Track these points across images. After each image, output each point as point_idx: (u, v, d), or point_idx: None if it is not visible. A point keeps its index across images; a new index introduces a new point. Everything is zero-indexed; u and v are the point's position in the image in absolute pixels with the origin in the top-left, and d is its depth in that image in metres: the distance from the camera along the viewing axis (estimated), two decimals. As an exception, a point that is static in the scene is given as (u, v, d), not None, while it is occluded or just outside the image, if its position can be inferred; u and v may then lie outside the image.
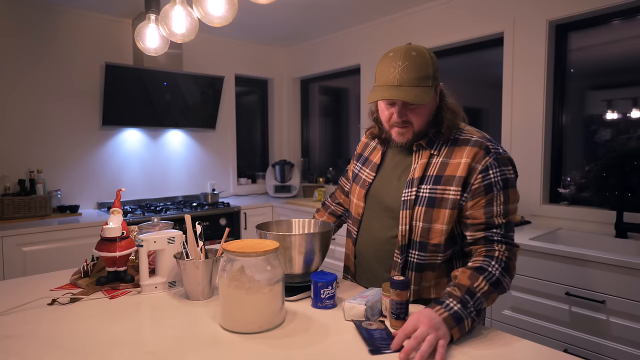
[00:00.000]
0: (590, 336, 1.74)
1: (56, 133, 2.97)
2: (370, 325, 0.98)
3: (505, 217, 1.07)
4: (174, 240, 1.26)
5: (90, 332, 0.98)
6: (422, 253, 1.12)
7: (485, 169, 1.07)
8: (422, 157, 1.16)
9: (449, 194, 1.09)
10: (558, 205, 2.39)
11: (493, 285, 1.00)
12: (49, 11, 2.90)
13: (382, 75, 1.10)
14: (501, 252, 1.05)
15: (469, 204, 1.08)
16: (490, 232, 1.07)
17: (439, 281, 1.15)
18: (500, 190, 1.07)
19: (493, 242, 1.07)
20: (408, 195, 1.14)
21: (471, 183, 1.07)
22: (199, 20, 1.54)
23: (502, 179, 1.07)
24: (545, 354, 0.88)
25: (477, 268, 1.02)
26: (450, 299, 0.96)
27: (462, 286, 0.99)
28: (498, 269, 1.02)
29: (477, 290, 0.98)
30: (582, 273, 1.75)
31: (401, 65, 1.06)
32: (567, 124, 2.43)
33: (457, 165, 1.10)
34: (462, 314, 0.93)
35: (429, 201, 1.11)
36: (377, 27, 3.31)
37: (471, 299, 0.96)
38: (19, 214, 2.64)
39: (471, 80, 2.96)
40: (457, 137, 1.15)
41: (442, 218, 1.10)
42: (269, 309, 0.99)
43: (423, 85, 1.08)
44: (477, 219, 1.08)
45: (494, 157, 1.08)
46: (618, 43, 2.23)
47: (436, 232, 1.11)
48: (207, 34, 3.60)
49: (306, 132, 4.30)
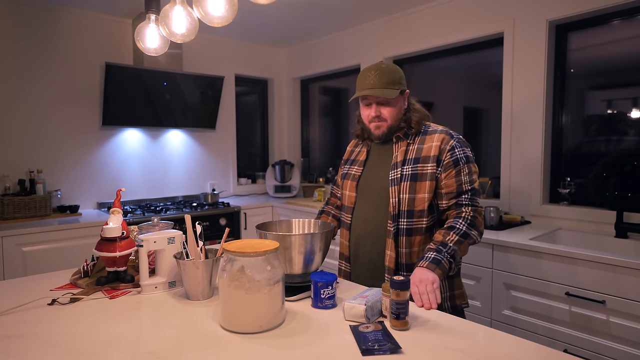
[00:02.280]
0: (590, 336, 1.74)
1: (56, 133, 2.97)
2: (367, 328, 0.98)
3: (470, 184, 1.38)
4: (174, 240, 1.26)
5: (90, 332, 0.98)
6: (409, 219, 1.38)
7: (452, 148, 1.38)
8: (401, 146, 1.45)
9: (427, 169, 1.38)
10: (558, 205, 2.39)
11: (462, 236, 1.31)
12: (49, 11, 2.90)
13: (360, 83, 1.43)
14: (467, 212, 1.35)
15: (443, 176, 1.37)
16: (460, 198, 1.36)
17: (423, 247, 1.39)
18: (465, 164, 1.37)
19: (461, 206, 1.36)
20: (394, 174, 1.41)
21: (442, 160, 1.37)
22: (199, 20, 1.54)
23: (464, 155, 1.38)
24: (545, 354, 0.88)
25: (448, 227, 1.33)
26: (428, 252, 1.28)
27: (436, 242, 1.31)
28: (465, 225, 1.33)
29: (448, 241, 1.29)
30: (582, 273, 1.75)
31: (374, 74, 1.39)
32: (567, 125, 2.43)
33: (429, 148, 1.40)
34: (438, 257, 1.26)
35: (412, 177, 1.38)
36: (377, 27, 3.31)
37: (444, 247, 1.28)
38: (19, 214, 2.64)
39: (471, 80, 2.96)
40: (426, 129, 1.45)
41: (423, 188, 1.37)
42: (269, 309, 0.99)
43: (390, 88, 1.39)
44: (450, 187, 1.37)
45: (456, 140, 1.40)
46: (618, 43, 2.23)
47: (420, 201, 1.37)
48: (207, 34, 3.60)
49: (306, 132, 4.30)
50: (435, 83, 3.20)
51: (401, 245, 1.37)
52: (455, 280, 1.42)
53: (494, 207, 2.31)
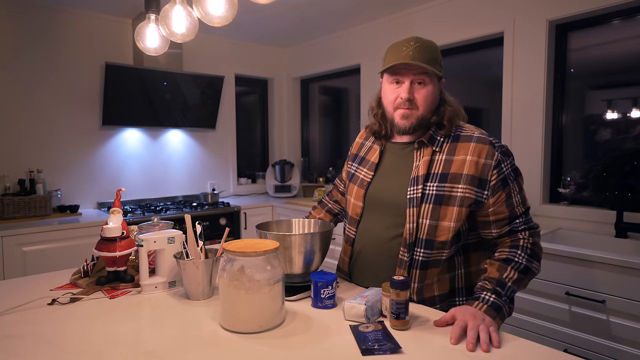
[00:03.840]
0: (590, 336, 1.74)
1: (56, 133, 2.97)
2: (367, 328, 0.98)
3: (524, 204, 1.14)
4: (174, 240, 1.26)
5: (90, 332, 0.98)
6: (427, 251, 1.12)
7: (497, 164, 1.10)
8: (424, 154, 1.16)
9: (457, 192, 1.10)
10: (558, 205, 2.39)
11: (522, 273, 1.06)
12: (49, 11, 2.90)
13: (393, 54, 1.13)
14: (525, 239, 1.11)
15: (491, 201, 1.11)
16: (514, 223, 1.12)
17: (441, 277, 1.16)
18: (514, 180, 1.12)
19: (517, 232, 1.12)
20: (414, 193, 1.13)
21: (488, 180, 1.10)
22: (199, 20, 1.54)
23: (512, 170, 1.12)
24: (545, 354, 0.88)
25: (504, 260, 1.08)
26: (484, 293, 1.03)
27: (492, 279, 1.05)
28: (524, 257, 1.08)
29: (506, 280, 1.05)
30: (582, 273, 1.75)
31: (413, 45, 1.10)
32: (567, 124, 2.43)
33: (462, 162, 1.11)
34: (498, 302, 1.00)
35: (437, 198, 1.11)
36: (377, 27, 3.31)
37: (502, 289, 1.03)
38: (19, 214, 2.64)
39: (471, 80, 2.96)
40: (458, 133, 1.16)
41: (450, 215, 1.10)
42: (269, 309, 0.99)
43: (434, 65, 1.11)
44: (501, 214, 1.12)
45: (500, 151, 1.12)
46: (618, 43, 2.23)
47: (443, 230, 1.11)
48: (207, 34, 3.60)
49: (306, 132, 4.30)
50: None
51: (414, 279, 1.13)
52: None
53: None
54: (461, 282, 1.18)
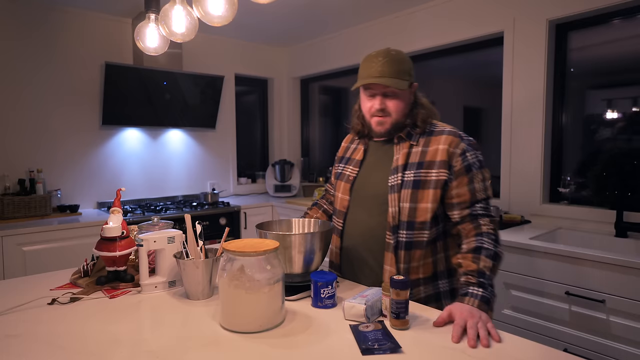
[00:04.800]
0: (590, 336, 1.74)
1: (56, 133, 2.96)
2: (367, 328, 0.98)
3: (485, 192, 1.24)
4: (174, 240, 1.26)
5: (90, 332, 0.98)
6: (410, 232, 1.23)
7: (462, 152, 1.23)
8: (402, 148, 1.29)
9: (432, 176, 1.23)
10: (558, 204, 2.39)
11: (493, 259, 1.15)
12: (49, 11, 2.90)
13: (365, 70, 1.27)
14: (487, 225, 1.20)
15: (454, 184, 1.22)
16: (474, 207, 1.22)
17: (425, 261, 1.25)
18: (478, 169, 1.23)
19: (477, 217, 1.21)
20: (395, 180, 1.26)
21: (453, 165, 1.22)
22: (198, 20, 1.54)
23: (477, 160, 1.24)
24: (545, 354, 0.88)
25: (475, 249, 1.16)
26: (471, 288, 1.09)
27: (472, 272, 1.12)
28: (491, 243, 1.17)
29: (484, 269, 1.12)
30: (582, 273, 1.75)
31: (382, 60, 1.24)
32: (567, 124, 2.43)
33: (435, 152, 1.24)
34: (487, 295, 1.07)
35: (414, 184, 1.24)
36: (377, 27, 3.31)
37: (485, 279, 1.10)
38: (19, 214, 2.64)
39: (471, 80, 2.96)
40: (432, 129, 1.30)
41: (427, 197, 1.22)
42: (269, 309, 0.99)
43: (400, 78, 1.24)
44: (462, 197, 1.22)
45: (467, 142, 1.25)
46: (618, 43, 2.23)
47: (422, 211, 1.22)
48: (207, 33, 3.60)
49: (306, 131, 4.30)
50: (435, 83, 3.20)
51: (400, 260, 1.23)
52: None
53: (494, 207, 2.31)
54: (442, 265, 1.28)
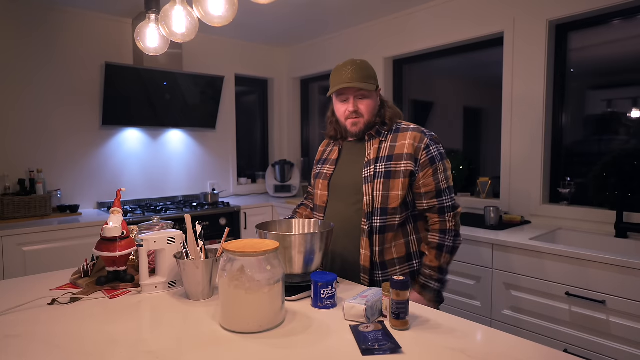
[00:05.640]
0: (590, 336, 1.74)
1: (56, 133, 2.96)
2: (367, 328, 0.98)
3: (447, 182, 1.41)
4: (174, 240, 1.26)
5: (90, 332, 0.98)
6: (383, 217, 1.38)
7: (426, 146, 1.38)
8: (373, 144, 1.45)
9: (400, 167, 1.38)
10: (558, 205, 2.39)
11: (451, 253, 1.39)
12: (49, 11, 2.90)
13: (336, 78, 1.42)
14: (450, 221, 1.39)
15: (420, 175, 1.38)
16: (440, 200, 1.39)
17: (397, 242, 1.41)
18: (440, 161, 1.39)
19: (444, 212, 1.39)
20: (368, 172, 1.41)
21: (419, 159, 1.38)
22: (199, 20, 1.54)
23: (439, 153, 1.40)
24: (545, 354, 0.88)
25: (438, 246, 1.38)
26: (430, 281, 1.37)
27: (432, 266, 1.37)
28: (451, 238, 1.39)
29: (444, 264, 1.38)
30: (582, 273, 1.75)
31: (350, 68, 1.40)
32: (567, 124, 2.43)
33: (402, 146, 1.40)
34: (440, 289, 1.39)
35: (385, 174, 1.39)
36: (376, 27, 3.31)
37: (443, 275, 1.38)
38: (19, 214, 2.64)
39: (471, 80, 2.96)
40: (398, 127, 1.46)
41: (397, 186, 1.37)
42: (269, 309, 0.99)
43: (368, 82, 1.41)
44: (428, 186, 1.38)
45: (429, 137, 1.41)
46: (618, 43, 2.23)
47: (393, 198, 1.38)
48: (207, 34, 3.60)
49: (306, 132, 4.30)
50: (435, 83, 3.20)
51: (375, 243, 1.38)
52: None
53: (494, 207, 2.31)
54: (415, 247, 1.44)
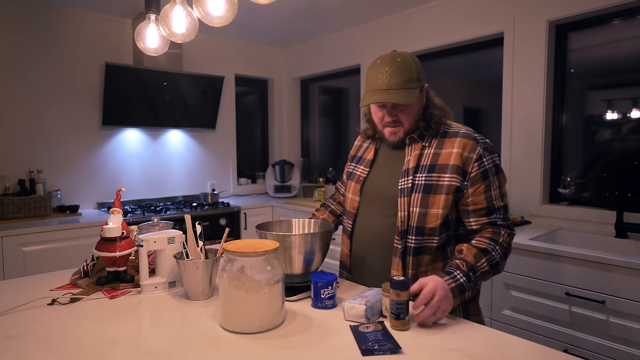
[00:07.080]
0: (590, 336, 1.74)
1: (56, 133, 2.97)
2: (367, 328, 0.98)
3: (502, 199, 1.20)
4: (174, 240, 1.26)
5: (89, 332, 0.98)
6: (419, 237, 1.20)
7: (479, 157, 1.17)
8: (414, 149, 1.25)
9: (444, 181, 1.18)
10: (558, 205, 2.39)
11: (492, 267, 1.15)
12: (49, 11, 2.90)
13: (371, 81, 1.21)
14: (504, 237, 1.18)
15: (470, 191, 1.18)
16: (492, 217, 1.19)
17: (434, 266, 1.22)
18: (494, 175, 1.19)
19: (499, 227, 1.19)
20: (405, 183, 1.22)
21: (469, 172, 1.17)
22: (199, 20, 1.54)
23: (494, 165, 1.19)
24: (545, 354, 0.88)
25: (483, 250, 1.14)
26: (457, 271, 1.10)
27: (467, 262, 1.12)
28: (499, 253, 1.15)
29: (479, 269, 1.12)
30: (582, 273, 1.75)
31: (388, 70, 1.17)
32: (567, 124, 2.43)
33: (449, 155, 1.19)
34: (465, 286, 1.09)
35: (425, 188, 1.19)
36: (377, 27, 3.31)
37: (474, 275, 1.11)
38: (19, 214, 2.63)
39: (471, 80, 2.96)
40: (445, 130, 1.25)
41: (437, 203, 1.18)
42: (269, 309, 0.99)
43: (409, 87, 1.17)
44: (479, 204, 1.18)
45: (483, 146, 1.19)
46: (618, 43, 2.23)
47: (432, 217, 1.18)
48: (207, 34, 3.60)
49: (306, 132, 4.30)
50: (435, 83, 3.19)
51: (408, 265, 1.20)
52: (470, 306, 1.23)
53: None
54: None
